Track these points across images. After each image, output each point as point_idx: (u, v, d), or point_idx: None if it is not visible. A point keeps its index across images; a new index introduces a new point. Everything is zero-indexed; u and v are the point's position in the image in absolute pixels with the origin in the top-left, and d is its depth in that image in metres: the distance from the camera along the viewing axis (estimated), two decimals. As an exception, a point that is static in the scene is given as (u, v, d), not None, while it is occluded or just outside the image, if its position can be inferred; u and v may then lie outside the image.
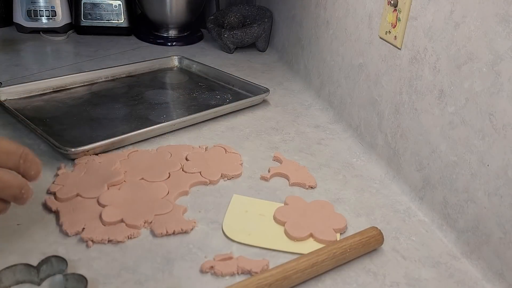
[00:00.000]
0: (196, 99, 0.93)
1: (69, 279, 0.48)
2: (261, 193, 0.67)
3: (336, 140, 0.83)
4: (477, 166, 0.56)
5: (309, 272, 0.51)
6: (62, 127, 0.78)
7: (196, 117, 0.83)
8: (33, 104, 0.85)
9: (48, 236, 0.55)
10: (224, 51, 1.24)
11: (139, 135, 0.76)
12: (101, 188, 0.63)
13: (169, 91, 0.97)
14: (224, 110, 0.87)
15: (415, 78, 0.67)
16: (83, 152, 0.69)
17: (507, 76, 0.51)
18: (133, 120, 0.83)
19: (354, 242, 0.55)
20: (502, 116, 0.52)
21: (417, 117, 0.67)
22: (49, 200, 0.60)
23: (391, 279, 0.54)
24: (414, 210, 0.66)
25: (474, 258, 0.56)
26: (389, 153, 0.73)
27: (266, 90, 0.93)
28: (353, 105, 0.84)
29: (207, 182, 0.68)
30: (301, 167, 0.73)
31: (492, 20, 0.53)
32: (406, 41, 0.68)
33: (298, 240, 0.57)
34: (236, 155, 0.74)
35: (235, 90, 0.98)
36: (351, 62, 0.85)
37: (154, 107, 0.88)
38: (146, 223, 0.58)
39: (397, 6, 0.70)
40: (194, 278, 0.51)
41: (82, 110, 0.85)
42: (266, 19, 1.21)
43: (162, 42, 1.27)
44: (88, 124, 0.80)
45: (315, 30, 0.99)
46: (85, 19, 1.25)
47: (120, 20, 1.27)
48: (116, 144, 0.73)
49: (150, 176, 0.67)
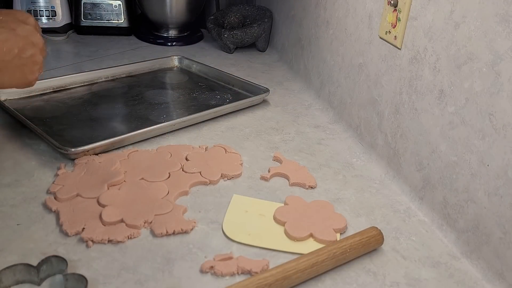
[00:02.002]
0: (196, 99, 0.94)
1: (69, 279, 0.48)
2: (261, 193, 0.67)
3: (336, 140, 0.83)
4: (477, 166, 0.56)
5: (309, 272, 0.51)
6: (62, 127, 0.78)
7: (196, 117, 0.83)
8: (33, 104, 0.85)
9: (48, 236, 0.55)
10: (224, 51, 1.24)
11: (139, 135, 0.76)
12: (101, 188, 0.63)
13: (169, 91, 0.97)
14: (224, 110, 0.87)
15: (415, 78, 0.67)
16: (83, 152, 0.69)
17: (507, 76, 0.51)
18: (133, 120, 0.83)
19: (354, 242, 0.55)
20: (502, 116, 0.52)
21: (417, 117, 0.67)
22: (49, 200, 0.60)
23: (391, 279, 0.54)
24: (414, 210, 0.66)
25: (474, 258, 0.56)
26: (389, 153, 0.73)
27: (266, 90, 0.93)
28: (353, 105, 0.84)
29: (207, 182, 0.68)
30: (301, 167, 0.73)
31: (492, 20, 0.53)
32: (406, 41, 0.68)
33: (298, 240, 0.57)
34: (236, 155, 0.74)
35: (235, 90, 0.98)
36: (351, 62, 0.85)
37: (154, 107, 0.88)
38: (146, 223, 0.58)
39: (397, 6, 0.70)
40: (194, 278, 0.51)
41: (82, 110, 0.85)
42: (266, 19, 1.21)
43: (162, 42, 1.27)
44: (88, 124, 0.80)
45: (315, 30, 0.99)
46: (85, 19, 1.25)
47: (120, 20, 1.27)
48: (116, 144, 0.73)
49: (150, 176, 0.67)
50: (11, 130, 0.76)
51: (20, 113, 0.76)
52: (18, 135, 0.75)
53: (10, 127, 0.77)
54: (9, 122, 0.79)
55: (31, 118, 0.77)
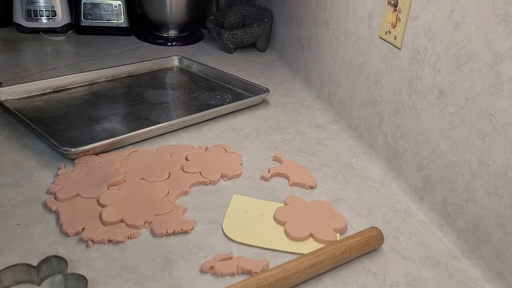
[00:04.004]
0: (196, 99, 0.94)
1: (69, 279, 0.48)
2: (261, 193, 0.67)
3: (336, 140, 0.83)
4: (477, 166, 0.56)
5: (309, 272, 0.51)
6: (62, 127, 0.78)
7: (196, 117, 0.83)
8: (33, 104, 0.85)
9: (48, 236, 0.55)
10: (224, 51, 1.24)
11: (139, 135, 0.76)
12: (101, 188, 0.63)
13: (169, 91, 0.97)
14: (224, 110, 0.87)
15: (415, 78, 0.67)
16: (83, 152, 0.69)
17: (507, 76, 0.51)
18: (133, 120, 0.83)
19: (354, 242, 0.55)
20: (502, 116, 0.52)
21: (417, 117, 0.67)
22: (49, 200, 0.60)
23: (391, 279, 0.54)
24: (414, 210, 0.66)
25: (474, 258, 0.56)
26: (389, 153, 0.73)
27: (266, 90, 0.94)
28: (353, 105, 0.84)
29: (207, 182, 0.68)
30: (301, 167, 0.73)
31: (492, 20, 0.53)
32: (406, 41, 0.68)
33: (298, 240, 0.57)
34: (236, 155, 0.74)
35: (235, 90, 0.98)
36: (351, 62, 0.85)
37: (154, 107, 0.88)
38: (146, 223, 0.58)
39: (397, 6, 0.70)
40: (194, 278, 0.51)
41: (82, 110, 0.85)
42: (266, 19, 1.21)
43: (162, 42, 1.27)
44: (88, 124, 0.80)
45: (315, 30, 0.99)
46: (85, 19, 1.25)
47: (120, 20, 1.27)
48: (116, 144, 0.73)
49: (150, 176, 0.67)
50: (11, 130, 0.76)
51: (20, 113, 0.76)
52: (18, 135, 0.75)
53: (10, 127, 0.77)
54: (9, 122, 0.79)
55: (31, 118, 0.77)
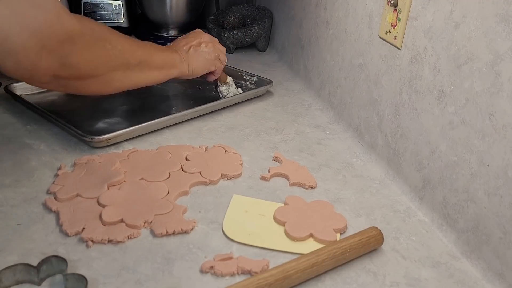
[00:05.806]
0: (203, 91, 0.98)
1: (69, 279, 0.48)
2: (261, 193, 0.67)
3: (336, 140, 0.83)
4: (477, 166, 0.56)
5: (309, 272, 0.51)
6: (80, 119, 0.80)
7: (208, 107, 0.87)
8: (47, 98, 0.88)
9: (48, 236, 0.55)
10: (224, 51, 1.24)
11: (157, 124, 0.79)
12: (101, 188, 0.63)
13: (176, 84, 0.99)
14: (232, 101, 0.91)
15: (415, 78, 0.67)
16: (106, 140, 0.72)
17: (507, 76, 0.51)
18: (146, 112, 0.86)
19: (354, 242, 0.55)
20: (502, 116, 0.52)
21: (417, 117, 0.67)
22: (49, 200, 0.60)
23: (391, 279, 0.54)
24: (414, 210, 0.66)
25: (474, 258, 0.56)
26: (389, 153, 0.73)
27: (269, 81, 0.96)
28: (353, 105, 0.84)
29: (207, 182, 0.68)
30: (301, 167, 0.73)
31: (492, 20, 0.53)
32: (406, 41, 0.68)
33: (298, 240, 0.57)
34: (236, 155, 0.74)
35: (239, 83, 1.00)
36: (351, 62, 0.85)
37: (163, 100, 0.93)
38: (146, 223, 0.58)
39: (397, 6, 0.70)
40: (194, 278, 0.51)
41: (96, 103, 0.87)
42: (266, 19, 1.21)
43: (162, 42, 1.27)
44: (104, 115, 0.83)
45: (315, 30, 0.99)
46: (85, 19, 1.24)
47: (120, 20, 1.26)
48: (135, 133, 0.76)
49: (150, 176, 0.67)
50: (11, 130, 0.77)
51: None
52: (18, 135, 0.75)
53: (10, 127, 0.77)
54: (9, 122, 0.79)
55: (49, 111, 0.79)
